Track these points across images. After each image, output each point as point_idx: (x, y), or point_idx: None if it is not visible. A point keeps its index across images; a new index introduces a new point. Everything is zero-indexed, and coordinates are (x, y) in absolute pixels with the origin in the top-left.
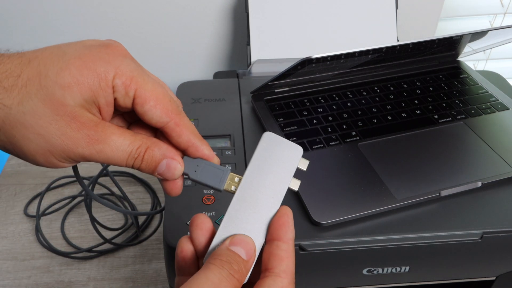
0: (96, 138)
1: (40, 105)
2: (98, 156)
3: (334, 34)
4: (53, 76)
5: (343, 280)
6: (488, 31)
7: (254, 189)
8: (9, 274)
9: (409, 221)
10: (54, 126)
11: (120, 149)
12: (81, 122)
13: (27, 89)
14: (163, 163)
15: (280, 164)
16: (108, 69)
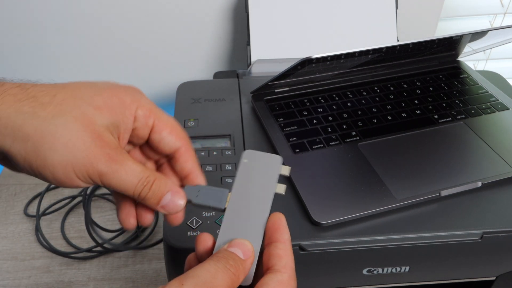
0: (115, 158)
1: (72, 120)
2: (112, 175)
3: (334, 34)
4: (87, 99)
5: (343, 280)
6: (488, 31)
7: (244, 200)
8: (9, 274)
9: (409, 221)
10: (81, 140)
11: (133, 174)
12: (105, 141)
13: (62, 107)
14: (167, 196)
15: (263, 174)
16: (133, 101)
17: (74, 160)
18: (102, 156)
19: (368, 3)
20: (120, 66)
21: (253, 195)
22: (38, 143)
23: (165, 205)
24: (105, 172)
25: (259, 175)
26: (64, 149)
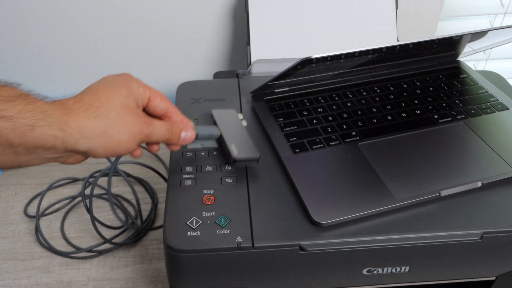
0: (149, 122)
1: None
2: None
3: (334, 34)
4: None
5: (343, 280)
6: (488, 31)
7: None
8: (9, 274)
9: (409, 221)
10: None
11: (162, 128)
12: (140, 115)
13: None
14: (183, 133)
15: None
16: (137, 84)
17: (134, 133)
18: (143, 124)
19: (368, 3)
20: (120, 66)
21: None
22: (110, 133)
23: (184, 139)
24: (149, 133)
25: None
26: (125, 130)
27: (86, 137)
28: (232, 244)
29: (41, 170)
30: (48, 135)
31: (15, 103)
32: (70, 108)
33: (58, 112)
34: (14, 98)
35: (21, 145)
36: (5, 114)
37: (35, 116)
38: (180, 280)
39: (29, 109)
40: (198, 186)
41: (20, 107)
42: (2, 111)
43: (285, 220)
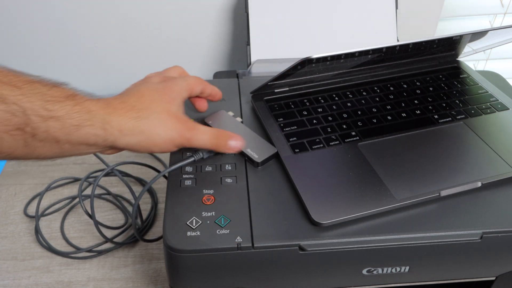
0: (191, 126)
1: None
2: (194, 138)
3: (334, 34)
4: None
5: (343, 280)
6: (488, 31)
7: None
8: (9, 274)
9: (409, 221)
10: (171, 124)
11: (206, 133)
12: (182, 119)
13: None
14: (231, 142)
15: (228, 119)
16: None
17: (172, 135)
18: (185, 128)
19: (368, 3)
20: (120, 66)
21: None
22: (148, 133)
23: (232, 147)
24: (190, 137)
25: (226, 122)
26: (165, 133)
27: (125, 135)
28: (232, 244)
29: (41, 170)
30: (91, 134)
31: (64, 104)
32: (115, 108)
33: (102, 111)
34: (63, 99)
35: (66, 142)
36: (54, 115)
37: (81, 116)
38: (180, 280)
39: (76, 110)
40: (198, 186)
41: (68, 108)
42: (52, 111)
43: (285, 220)
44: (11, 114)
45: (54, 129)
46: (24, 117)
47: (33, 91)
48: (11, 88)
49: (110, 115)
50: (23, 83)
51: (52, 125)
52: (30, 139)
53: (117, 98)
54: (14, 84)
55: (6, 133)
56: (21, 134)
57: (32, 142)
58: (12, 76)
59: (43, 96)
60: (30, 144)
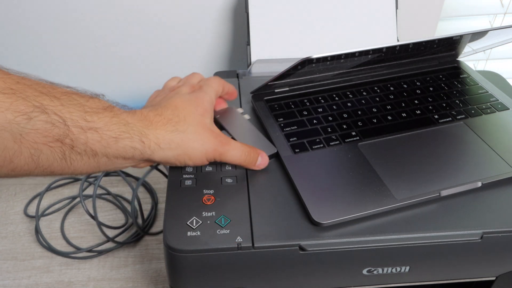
0: (224, 142)
1: (196, 128)
2: (227, 153)
3: (334, 34)
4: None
5: (343, 280)
6: (488, 31)
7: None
8: (9, 274)
9: (409, 221)
10: (206, 137)
11: (238, 149)
12: (215, 133)
13: (186, 122)
14: (259, 159)
15: (237, 115)
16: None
17: (207, 150)
18: (219, 143)
19: (368, 3)
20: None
21: (239, 128)
22: (185, 147)
23: (259, 165)
24: (223, 152)
25: (233, 118)
26: (200, 146)
27: (162, 148)
28: (232, 244)
29: None
30: (129, 146)
31: (102, 116)
32: (151, 121)
33: (139, 124)
34: (101, 111)
35: (104, 155)
36: (93, 126)
37: (120, 128)
38: (180, 280)
39: (114, 122)
40: (198, 186)
41: (106, 119)
42: (91, 122)
43: (285, 220)
44: (51, 125)
45: (93, 141)
46: (64, 127)
47: (72, 102)
48: (50, 99)
49: (148, 128)
50: (61, 94)
51: (91, 137)
52: (68, 152)
53: (151, 111)
54: (53, 94)
55: (46, 144)
56: (60, 146)
57: (70, 155)
58: (50, 88)
59: (82, 107)
60: (68, 157)
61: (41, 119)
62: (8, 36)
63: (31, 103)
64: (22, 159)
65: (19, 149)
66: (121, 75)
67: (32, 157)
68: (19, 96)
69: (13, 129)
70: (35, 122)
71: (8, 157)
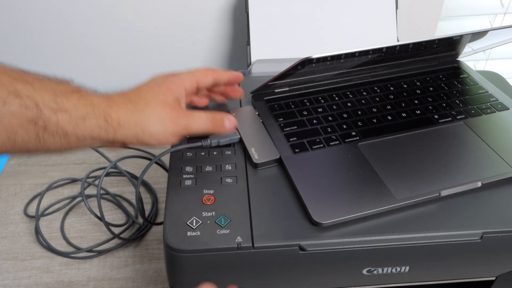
0: (187, 114)
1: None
2: (191, 124)
3: (334, 34)
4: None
5: (343, 280)
6: (488, 31)
7: None
8: (9, 274)
9: (409, 221)
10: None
11: (201, 118)
12: (177, 109)
13: (146, 100)
14: (226, 121)
15: (249, 116)
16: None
17: (166, 126)
18: (180, 116)
19: (368, 3)
20: (121, 66)
21: (251, 127)
22: (144, 125)
23: (228, 127)
24: (186, 124)
25: (247, 118)
26: (160, 124)
27: (122, 127)
28: (232, 244)
29: (41, 170)
30: (95, 125)
31: (71, 98)
32: (114, 101)
33: (104, 104)
34: (70, 93)
35: (74, 135)
36: (63, 107)
37: (87, 109)
38: (180, 280)
39: (82, 103)
40: (198, 186)
41: (75, 101)
42: (60, 104)
43: (285, 220)
44: (25, 108)
45: (63, 122)
46: (37, 110)
47: (43, 86)
48: (23, 84)
49: (111, 107)
50: (33, 80)
51: (61, 118)
52: (41, 132)
53: (118, 93)
54: (26, 80)
55: (20, 126)
56: (34, 128)
57: (43, 136)
58: (23, 74)
59: (52, 90)
60: (41, 138)
61: (15, 104)
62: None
63: (6, 89)
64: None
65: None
66: (121, 75)
67: (8, 138)
68: None
69: None
70: (9, 106)
71: None
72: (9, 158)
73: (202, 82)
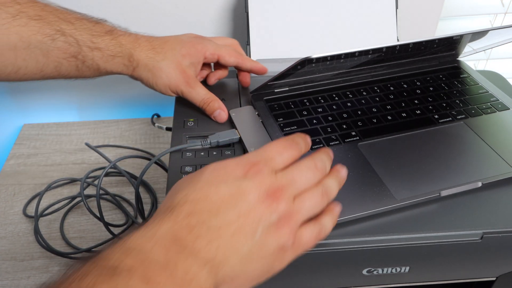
0: (191, 84)
1: (171, 62)
2: (188, 93)
3: (334, 34)
4: (179, 50)
5: (343, 281)
6: (489, 31)
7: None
8: (8, 274)
9: (409, 221)
10: (174, 73)
11: (199, 95)
12: (186, 74)
13: (165, 55)
14: (217, 111)
15: (250, 117)
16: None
17: (170, 83)
18: (184, 82)
19: (368, 3)
20: None
21: (251, 127)
22: (155, 73)
23: (216, 116)
24: (184, 91)
25: (247, 117)
26: (166, 78)
27: (139, 68)
28: None
29: (40, 170)
30: (121, 63)
31: (104, 38)
32: (140, 44)
33: (130, 45)
34: (104, 34)
35: (104, 68)
36: (97, 46)
37: (116, 49)
38: None
39: (113, 44)
40: None
41: (107, 41)
42: (96, 43)
43: None
44: (68, 45)
45: (97, 57)
46: (78, 47)
47: (82, 26)
48: (67, 24)
49: (135, 49)
50: (74, 20)
51: (96, 54)
52: (80, 64)
53: (146, 37)
54: (69, 20)
55: (65, 59)
56: (75, 61)
57: (82, 67)
58: (66, 14)
59: (90, 31)
60: (80, 69)
61: (61, 40)
62: None
63: (54, 28)
64: (49, 69)
65: (47, 62)
66: None
67: (55, 68)
68: (45, 21)
69: (42, 47)
70: (57, 42)
71: (39, 67)
72: (9, 158)
73: (223, 59)
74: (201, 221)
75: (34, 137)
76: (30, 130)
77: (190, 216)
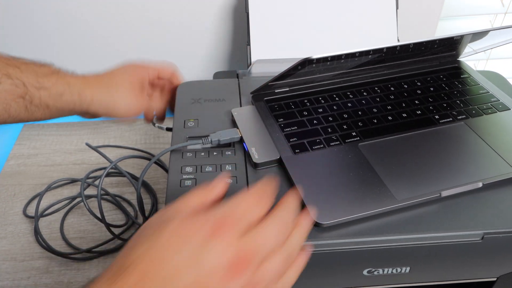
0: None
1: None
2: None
3: (334, 34)
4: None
5: (343, 281)
6: (489, 31)
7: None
8: (8, 275)
9: (410, 222)
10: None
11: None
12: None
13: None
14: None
15: (252, 116)
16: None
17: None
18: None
19: (368, 3)
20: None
21: (252, 127)
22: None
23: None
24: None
25: (249, 117)
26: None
27: (95, 103)
28: None
29: (40, 170)
30: (71, 101)
31: (51, 78)
32: (89, 82)
33: (79, 83)
34: (50, 74)
35: (54, 106)
36: (43, 85)
37: (63, 87)
38: None
39: (60, 82)
40: (198, 186)
41: (53, 80)
42: (42, 83)
43: None
44: (15, 87)
45: (44, 96)
46: (24, 88)
47: (28, 69)
48: (13, 68)
49: (86, 86)
50: (21, 64)
51: (43, 94)
52: (29, 105)
53: (93, 75)
54: (15, 65)
55: (13, 100)
56: (23, 101)
57: (30, 107)
58: (13, 60)
59: (35, 73)
60: (29, 109)
61: (8, 83)
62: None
63: (0, 72)
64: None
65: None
66: None
67: (5, 110)
68: None
69: None
70: (4, 85)
71: None
72: (9, 159)
73: (162, 71)
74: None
75: (34, 137)
76: (30, 130)
77: (143, 281)
